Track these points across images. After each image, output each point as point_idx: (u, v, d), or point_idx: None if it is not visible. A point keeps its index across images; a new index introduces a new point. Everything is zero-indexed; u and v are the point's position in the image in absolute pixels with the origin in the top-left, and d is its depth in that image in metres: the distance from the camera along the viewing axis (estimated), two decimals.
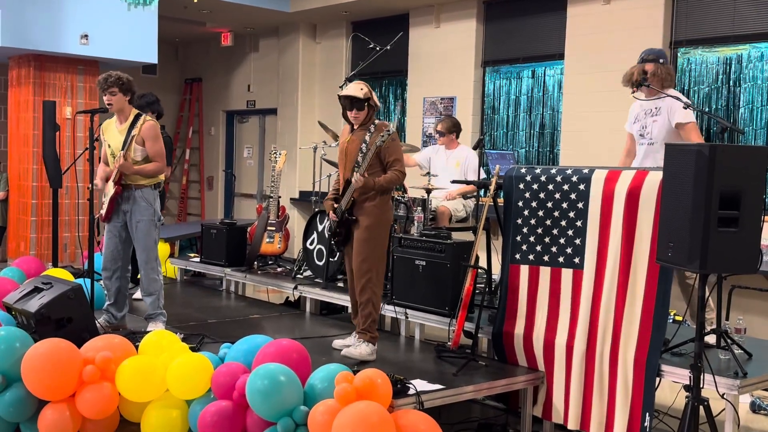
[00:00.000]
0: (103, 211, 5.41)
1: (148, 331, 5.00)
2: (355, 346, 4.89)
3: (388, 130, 4.67)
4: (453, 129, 6.83)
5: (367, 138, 4.73)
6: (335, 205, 4.92)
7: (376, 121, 4.84)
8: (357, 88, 4.76)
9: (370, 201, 4.79)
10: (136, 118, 5.34)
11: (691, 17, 7.34)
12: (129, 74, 5.41)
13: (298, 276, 6.79)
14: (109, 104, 5.31)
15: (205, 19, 11.05)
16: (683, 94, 5.70)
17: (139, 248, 5.38)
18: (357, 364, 4.56)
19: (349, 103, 4.77)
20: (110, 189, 5.35)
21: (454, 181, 6.40)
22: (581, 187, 4.60)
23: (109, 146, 5.40)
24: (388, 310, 5.65)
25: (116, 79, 5.25)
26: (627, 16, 7.64)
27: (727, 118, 7.05)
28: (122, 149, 5.24)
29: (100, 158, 5.55)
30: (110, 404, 4.30)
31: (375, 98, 4.82)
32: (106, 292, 5.59)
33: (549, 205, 4.76)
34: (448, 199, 6.57)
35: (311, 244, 6.72)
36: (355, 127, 4.86)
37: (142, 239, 5.35)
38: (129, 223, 5.36)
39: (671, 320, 5.81)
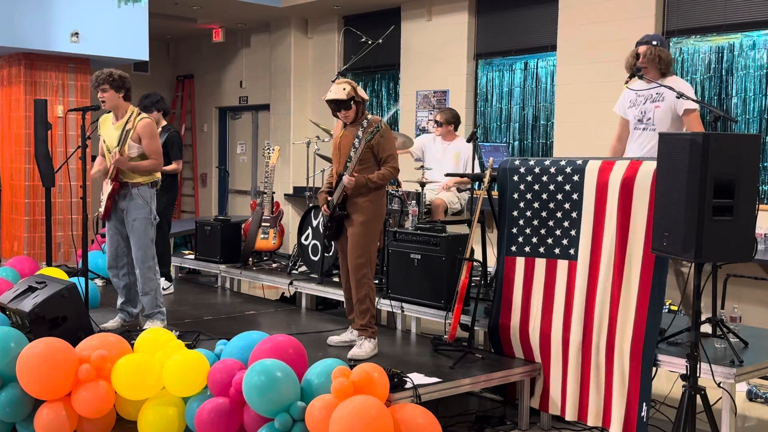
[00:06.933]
0: (101, 209, 5.38)
1: (145, 329, 4.99)
2: (359, 345, 4.81)
3: (378, 126, 4.66)
4: (452, 120, 6.81)
5: (359, 133, 4.73)
6: (329, 199, 4.91)
7: (369, 116, 4.81)
8: (339, 89, 4.72)
9: (363, 196, 4.77)
10: (132, 115, 5.31)
11: (683, 7, 7.33)
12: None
13: (294, 271, 6.78)
14: (102, 101, 5.27)
15: (195, 15, 11.00)
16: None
17: (135, 247, 5.34)
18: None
19: (335, 105, 4.76)
20: (108, 186, 5.32)
21: (448, 174, 6.39)
22: (575, 178, 4.59)
23: (104, 141, 5.37)
24: (384, 305, 5.64)
25: (107, 76, 5.22)
26: (619, 6, 7.63)
27: (719, 107, 7.05)
28: (117, 146, 5.21)
29: (93, 155, 5.52)
30: (106, 403, 4.29)
31: (360, 93, 4.77)
32: (117, 290, 5.58)
33: (543, 196, 4.75)
34: (445, 189, 6.56)
35: (306, 239, 6.71)
36: (347, 124, 4.85)
37: (138, 238, 5.32)
38: (125, 220, 5.34)
39: (666, 310, 5.82)
